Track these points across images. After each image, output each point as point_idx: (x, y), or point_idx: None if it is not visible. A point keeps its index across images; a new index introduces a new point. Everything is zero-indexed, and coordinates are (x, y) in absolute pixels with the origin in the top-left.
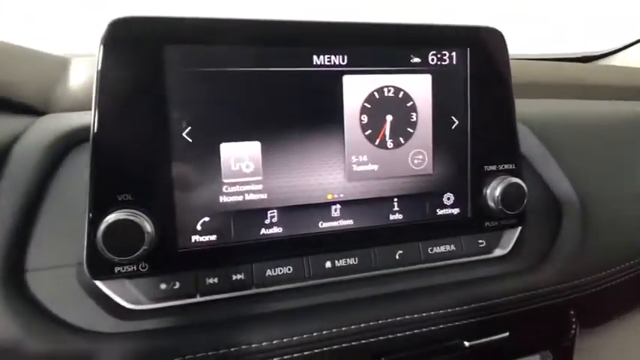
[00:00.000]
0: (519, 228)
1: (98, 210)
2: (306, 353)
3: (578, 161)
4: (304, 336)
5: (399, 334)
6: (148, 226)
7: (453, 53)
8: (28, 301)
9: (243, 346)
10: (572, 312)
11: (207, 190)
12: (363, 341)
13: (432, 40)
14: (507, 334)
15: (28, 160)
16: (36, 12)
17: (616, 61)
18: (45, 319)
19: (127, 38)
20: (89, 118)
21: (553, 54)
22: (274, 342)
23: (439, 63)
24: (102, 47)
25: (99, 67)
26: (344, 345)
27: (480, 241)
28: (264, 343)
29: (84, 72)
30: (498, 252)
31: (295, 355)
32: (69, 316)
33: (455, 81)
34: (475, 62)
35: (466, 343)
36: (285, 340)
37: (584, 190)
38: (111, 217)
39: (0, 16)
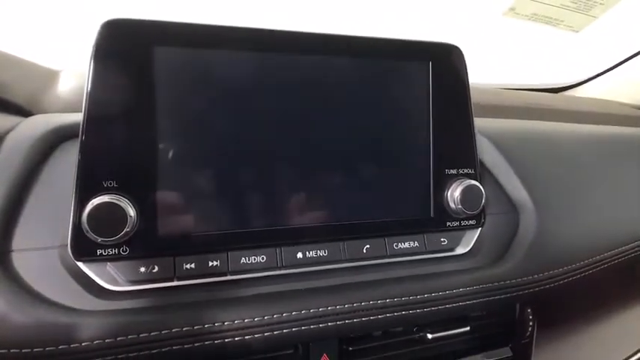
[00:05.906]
0: (479, 229)
1: (85, 193)
2: (275, 333)
3: (533, 170)
4: (274, 316)
5: (363, 319)
6: (131, 210)
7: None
8: (12, 278)
9: (217, 324)
10: (529, 310)
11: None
12: (330, 324)
13: (396, 53)
14: (468, 328)
15: (17, 151)
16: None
17: (578, 92)
18: (27, 295)
19: (118, 38)
20: (78, 117)
21: (526, 85)
22: (245, 321)
23: None
24: (95, 46)
25: (91, 66)
26: (312, 327)
27: (443, 239)
28: (236, 322)
29: (73, 81)
30: (460, 250)
31: (266, 334)
32: (50, 294)
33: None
34: (436, 74)
35: (429, 336)
36: (256, 319)
37: (538, 196)
38: (96, 200)
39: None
